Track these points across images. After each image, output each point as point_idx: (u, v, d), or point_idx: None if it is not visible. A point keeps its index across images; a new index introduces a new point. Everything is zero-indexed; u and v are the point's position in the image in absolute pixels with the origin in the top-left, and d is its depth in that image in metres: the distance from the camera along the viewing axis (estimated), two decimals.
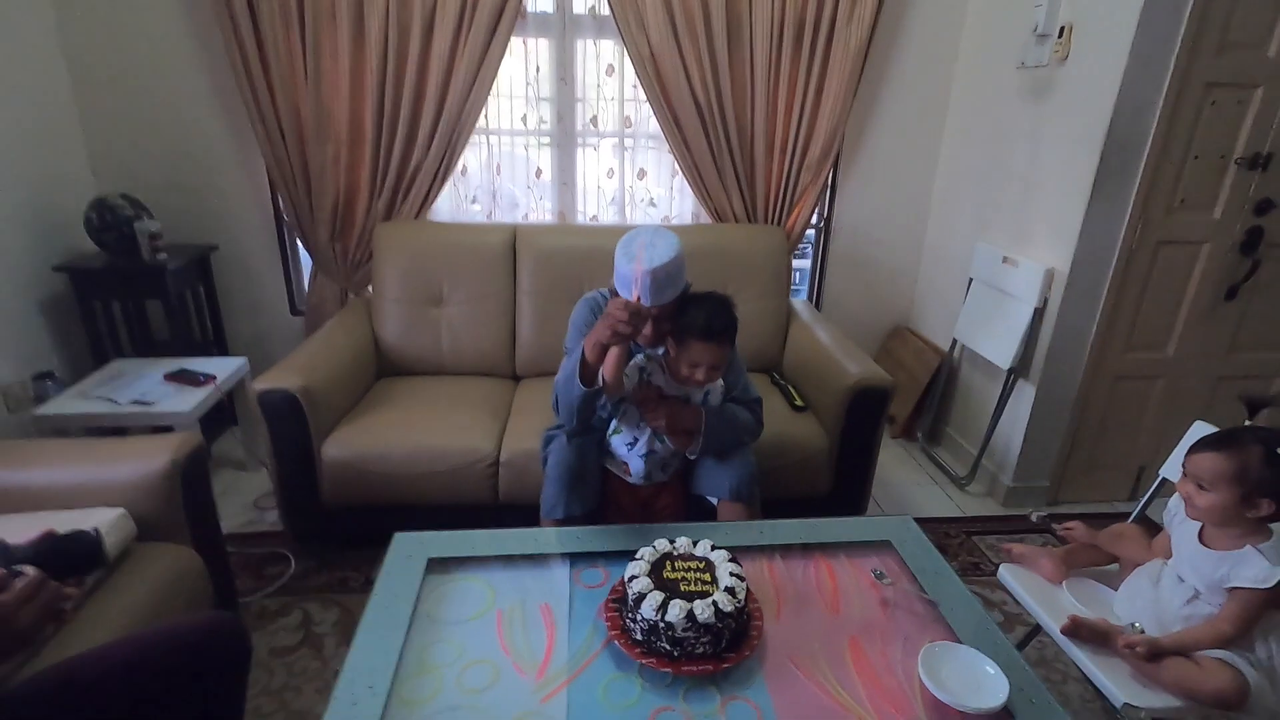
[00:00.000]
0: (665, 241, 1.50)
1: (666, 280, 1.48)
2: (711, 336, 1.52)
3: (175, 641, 1.10)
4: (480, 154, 2.75)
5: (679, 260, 1.50)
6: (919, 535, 1.49)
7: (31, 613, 0.83)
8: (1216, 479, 1.15)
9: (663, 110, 2.61)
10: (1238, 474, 1.13)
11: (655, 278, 1.46)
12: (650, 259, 1.46)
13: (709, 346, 1.52)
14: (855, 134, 2.83)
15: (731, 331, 1.55)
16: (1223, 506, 1.15)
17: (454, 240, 2.49)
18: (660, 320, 1.56)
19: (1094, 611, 1.33)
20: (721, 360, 1.56)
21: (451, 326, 2.43)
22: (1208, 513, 1.17)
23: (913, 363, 2.96)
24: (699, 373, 1.55)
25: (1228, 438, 1.17)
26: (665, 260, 1.46)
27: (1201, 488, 1.17)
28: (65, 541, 0.95)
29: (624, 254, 1.51)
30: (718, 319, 1.53)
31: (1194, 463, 1.19)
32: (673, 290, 1.52)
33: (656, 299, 1.49)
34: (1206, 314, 2.30)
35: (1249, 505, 1.13)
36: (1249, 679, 1.11)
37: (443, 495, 2.01)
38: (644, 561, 1.25)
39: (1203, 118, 2.06)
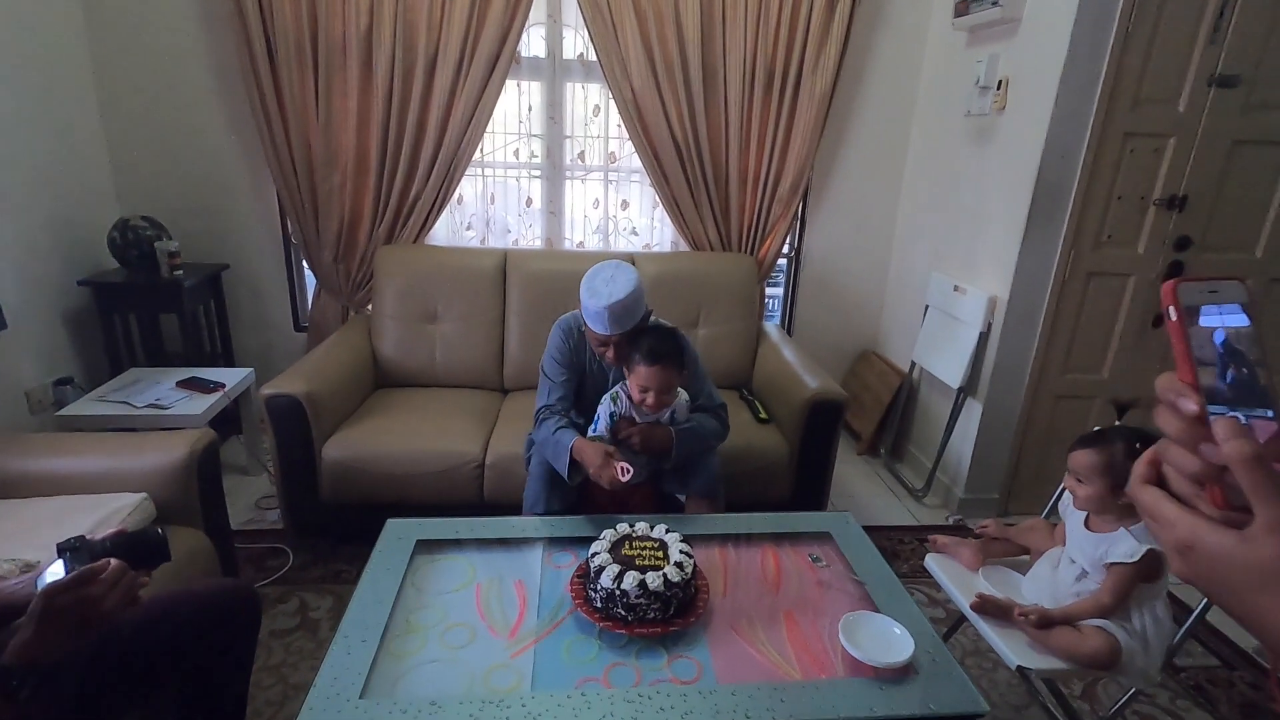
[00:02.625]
0: (625, 276, 1.71)
1: (625, 312, 1.69)
2: (655, 361, 1.68)
3: (196, 599, 1.27)
4: (476, 184, 2.98)
5: (637, 293, 1.70)
6: (856, 528, 1.68)
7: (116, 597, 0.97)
8: (1090, 472, 1.34)
9: (644, 147, 2.84)
10: (1106, 467, 1.32)
11: (613, 312, 1.67)
12: (610, 294, 1.67)
13: (653, 371, 1.68)
14: (823, 171, 3.07)
15: (674, 357, 1.71)
16: (1097, 496, 1.34)
17: (449, 263, 2.70)
18: (624, 345, 1.75)
19: (1004, 594, 1.51)
20: (667, 384, 1.71)
21: (445, 342, 2.63)
22: (1086, 502, 1.36)
23: (877, 384, 3.16)
24: (649, 397, 1.71)
25: (1097, 436, 1.37)
26: (624, 295, 1.67)
27: (1080, 481, 1.36)
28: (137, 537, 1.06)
29: (588, 290, 1.71)
30: (660, 346, 1.70)
31: (1072, 460, 1.38)
32: (631, 319, 1.72)
33: (617, 328, 1.70)
34: (1135, 339, 2.51)
35: (1118, 494, 1.33)
36: (1121, 643, 1.29)
37: (432, 495, 2.18)
38: (606, 540, 1.43)
39: (1123, 163, 2.29)
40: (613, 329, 1.70)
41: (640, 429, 1.79)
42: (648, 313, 1.80)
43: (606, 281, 1.70)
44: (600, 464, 1.67)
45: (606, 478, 1.66)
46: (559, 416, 1.88)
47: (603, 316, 1.68)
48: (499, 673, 1.23)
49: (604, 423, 1.81)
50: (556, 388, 1.91)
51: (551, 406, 1.90)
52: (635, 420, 1.82)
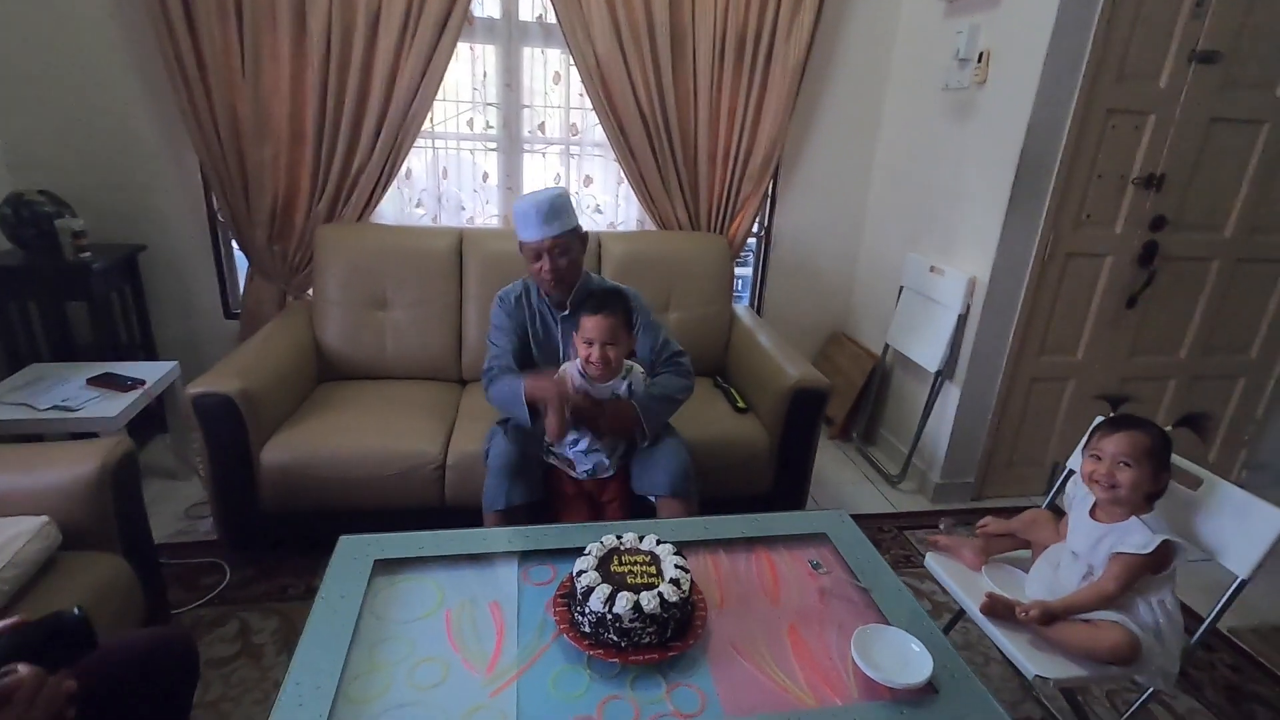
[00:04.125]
0: (554, 189, 1.79)
1: (554, 211, 1.73)
2: (598, 309, 1.65)
3: (123, 655, 1.07)
4: (426, 158, 2.74)
5: (565, 197, 1.78)
6: (853, 528, 1.58)
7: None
8: (1141, 455, 1.26)
9: (609, 119, 2.66)
10: (1154, 449, 1.26)
11: (541, 209, 1.73)
12: (537, 197, 1.75)
13: (595, 319, 1.64)
14: (794, 147, 2.95)
15: (617, 306, 1.68)
16: (1143, 480, 1.27)
17: (398, 243, 2.47)
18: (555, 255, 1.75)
19: (1008, 592, 1.44)
20: (611, 334, 1.66)
21: (396, 330, 2.41)
22: (1132, 488, 1.27)
23: (849, 367, 3.09)
24: (594, 351, 1.66)
25: (1135, 419, 1.30)
26: (553, 194, 1.75)
27: (1127, 465, 1.27)
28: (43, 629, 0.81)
29: (517, 202, 1.79)
30: (604, 297, 1.71)
31: (1116, 442, 1.29)
32: (560, 222, 1.74)
33: (548, 229, 1.73)
34: (1110, 321, 2.50)
35: (1157, 480, 1.26)
36: (1138, 635, 1.23)
37: (387, 499, 1.99)
38: (592, 556, 1.29)
39: (1104, 140, 2.24)
40: (543, 231, 1.72)
41: (603, 407, 1.72)
42: (582, 232, 1.83)
43: (535, 192, 1.77)
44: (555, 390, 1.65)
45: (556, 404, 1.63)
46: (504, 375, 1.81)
47: (532, 215, 1.72)
48: (479, 716, 1.08)
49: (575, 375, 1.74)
50: (501, 356, 1.85)
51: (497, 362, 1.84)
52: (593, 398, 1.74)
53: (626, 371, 1.78)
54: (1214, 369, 2.66)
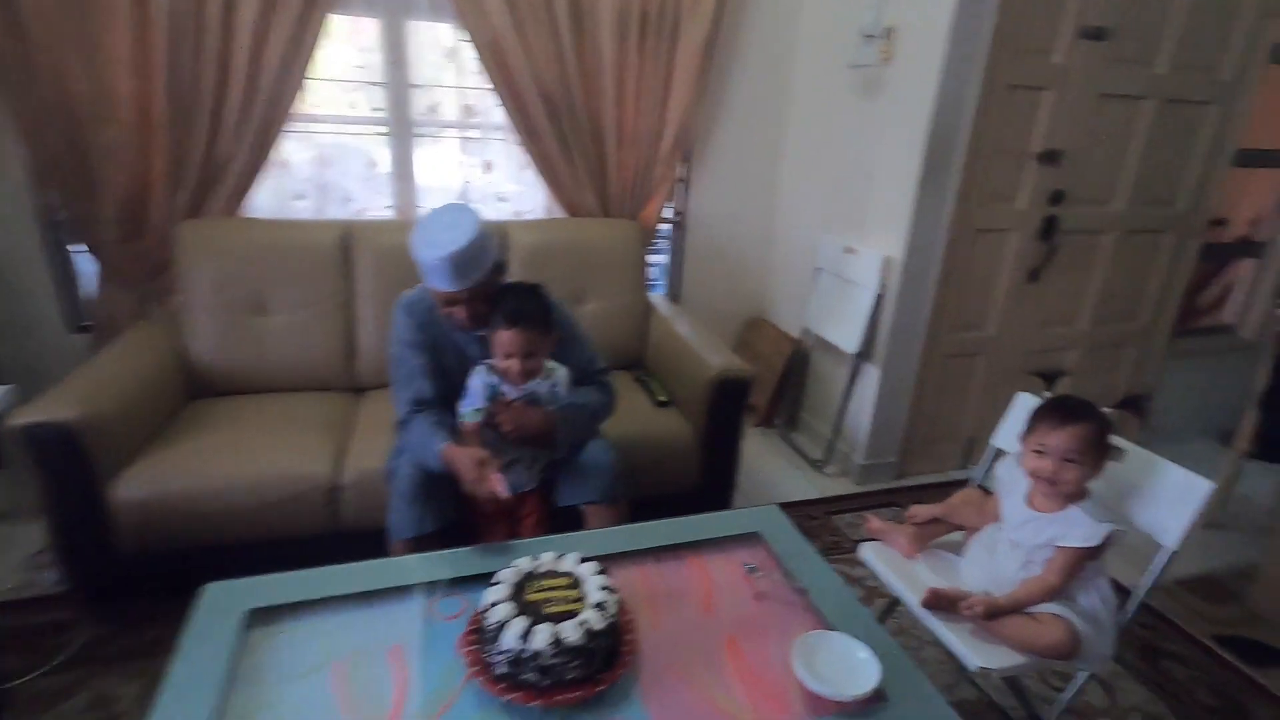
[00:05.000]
0: (466, 220, 1.48)
1: (469, 262, 1.46)
2: (515, 322, 1.49)
3: None
4: (305, 144, 2.47)
5: (482, 239, 1.48)
6: (785, 524, 1.50)
7: None
8: (1085, 450, 1.22)
9: (508, 99, 2.47)
10: (1098, 441, 1.22)
11: (456, 262, 1.44)
12: (450, 242, 1.43)
13: (513, 334, 1.49)
14: (705, 127, 2.85)
15: (536, 316, 1.53)
16: (1089, 475, 1.23)
17: (277, 239, 2.21)
18: (475, 302, 1.51)
19: (945, 579, 1.40)
20: (530, 346, 1.52)
21: (278, 337, 2.15)
22: (1078, 484, 1.23)
23: (769, 352, 3.05)
24: (512, 364, 1.52)
25: (1077, 410, 1.25)
26: (466, 242, 1.44)
27: (1070, 461, 1.23)
28: None
29: (423, 240, 1.47)
30: (521, 305, 1.52)
31: (1062, 439, 1.23)
32: (478, 269, 1.49)
33: (463, 281, 1.47)
34: (1016, 295, 2.55)
35: (1100, 468, 1.23)
36: (1079, 628, 1.20)
37: (274, 529, 1.77)
38: (503, 585, 1.14)
39: (1006, 116, 2.26)
40: (458, 283, 1.47)
41: (512, 412, 1.54)
42: (501, 263, 1.57)
43: (445, 227, 1.46)
44: (474, 476, 1.41)
45: (483, 494, 1.41)
46: (426, 413, 1.58)
47: (444, 269, 1.45)
48: None
49: (480, 395, 1.56)
50: (413, 379, 1.61)
51: (418, 403, 1.60)
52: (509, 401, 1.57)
53: (549, 373, 1.64)
54: (1109, 337, 2.78)
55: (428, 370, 1.62)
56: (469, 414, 1.58)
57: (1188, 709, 1.70)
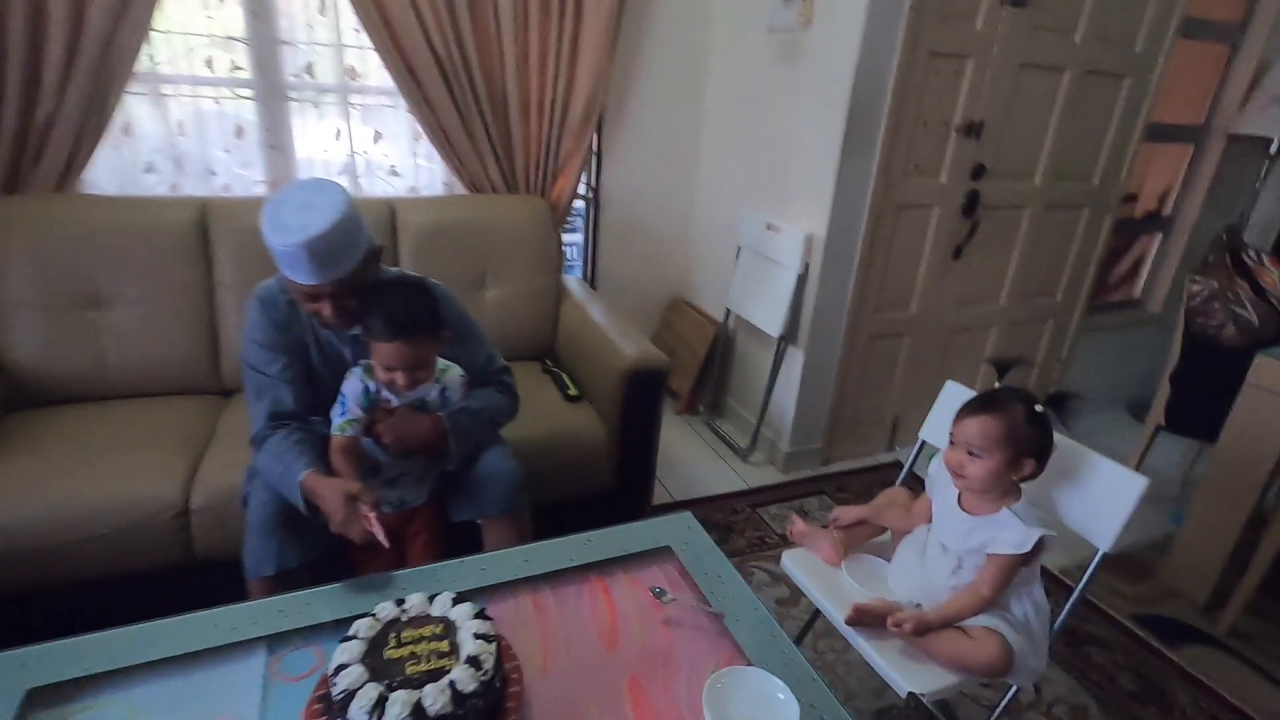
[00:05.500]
0: (326, 200, 1.21)
1: (332, 251, 1.20)
2: (397, 334, 1.26)
3: None
4: (153, 107, 2.13)
5: (347, 222, 1.21)
6: (700, 534, 1.35)
7: None
8: (989, 443, 1.11)
9: (394, 61, 2.20)
10: (1007, 435, 1.11)
11: (315, 251, 1.17)
12: (306, 227, 1.16)
13: (396, 347, 1.26)
14: (618, 96, 2.65)
15: (422, 323, 1.29)
16: (995, 471, 1.12)
17: (115, 220, 1.89)
18: (342, 298, 1.26)
19: (872, 589, 1.29)
20: (418, 359, 1.31)
21: (120, 335, 1.85)
22: (981, 480, 1.13)
23: (692, 335, 2.90)
24: (398, 378, 1.30)
25: (991, 400, 1.15)
26: (326, 226, 1.17)
27: (973, 454, 1.13)
28: None
29: (273, 224, 1.19)
30: (402, 310, 1.27)
31: (963, 430, 1.15)
32: (346, 260, 1.23)
33: (326, 274, 1.21)
34: (939, 273, 2.48)
35: (1015, 467, 1.12)
36: (1013, 644, 1.11)
37: (110, 564, 1.50)
38: (357, 641, 0.94)
39: (929, 86, 2.16)
40: (319, 276, 1.21)
41: (394, 420, 1.33)
42: (374, 250, 1.31)
43: (299, 208, 1.19)
44: (342, 517, 1.20)
45: (356, 534, 1.19)
46: (286, 431, 1.34)
47: (299, 260, 1.18)
48: None
49: (354, 404, 1.34)
50: (271, 387, 1.36)
51: (276, 418, 1.36)
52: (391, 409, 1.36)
53: (439, 374, 1.43)
54: (1028, 314, 2.77)
55: (288, 377, 1.38)
56: (342, 425, 1.35)
57: (1110, 696, 1.68)
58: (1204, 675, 1.75)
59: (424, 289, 1.36)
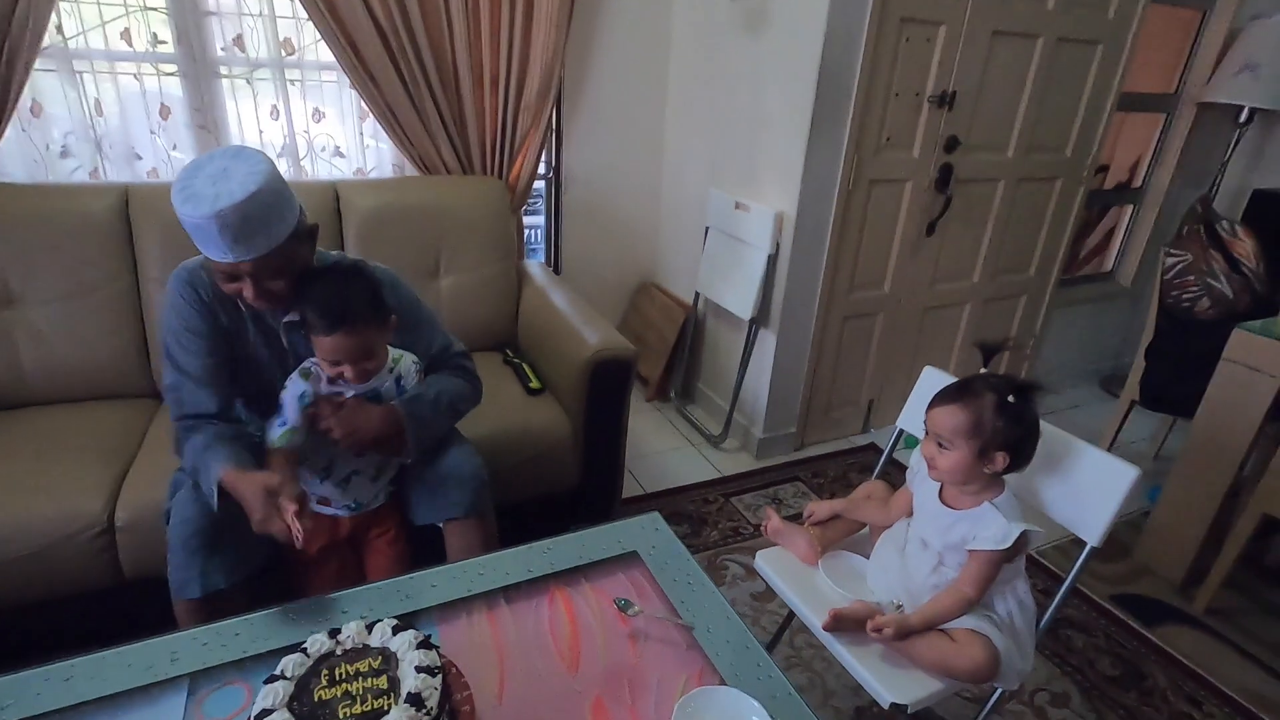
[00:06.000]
0: (246, 167, 1.08)
1: (250, 223, 1.07)
2: (335, 326, 1.16)
3: None
4: (68, 85, 1.94)
5: (269, 191, 1.09)
6: (669, 537, 1.27)
7: None
8: (954, 434, 1.05)
9: (332, 32, 2.04)
10: (973, 427, 1.04)
11: (227, 222, 1.05)
12: (219, 196, 1.04)
13: (337, 339, 1.17)
14: (576, 69, 2.52)
15: (362, 312, 1.19)
16: (963, 464, 1.05)
17: (26, 209, 1.72)
18: (262, 277, 1.14)
19: (851, 589, 1.22)
20: (363, 350, 1.21)
21: (37, 335, 1.69)
22: (950, 473, 1.07)
23: (660, 320, 2.81)
24: (346, 370, 1.20)
25: (961, 389, 1.08)
26: (243, 195, 1.05)
27: (942, 446, 1.06)
28: None
29: (183, 192, 1.06)
30: (339, 299, 1.17)
31: (932, 420, 1.08)
32: (266, 233, 1.10)
33: (245, 250, 1.09)
34: (912, 250, 2.41)
35: (985, 459, 1.05)
36: (998, 646, 1.05)
37: (31, 589, 1.38)
38: (283, 682, 0.84)
39: (900, 54, 2.07)
40: (234, 253, 1.09)
41: (342, 416, 1.22)
42: (307, 227, 1.19)
43: (213, 177, 1.06)
44: (262, 514, 1.09)
45: (278, 532, 1.09)
46: (208, 427, 1.22)
47: (209, 233, 1.06)
48: None
49: (293, 411, 1.23)
50: (187, 382, 1.23)
51: (196, 417, 1.23)
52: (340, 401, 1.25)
53: (393, 363, 1.32)
54: (1002, 290, 2.72)
55: (210, 369, 1.24)
56: (282, 436, 1.24)
57: (1090, 681, 1.65)
58: (1183, 655, 1.73)
59: (360, 273, 1.25)
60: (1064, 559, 1.99)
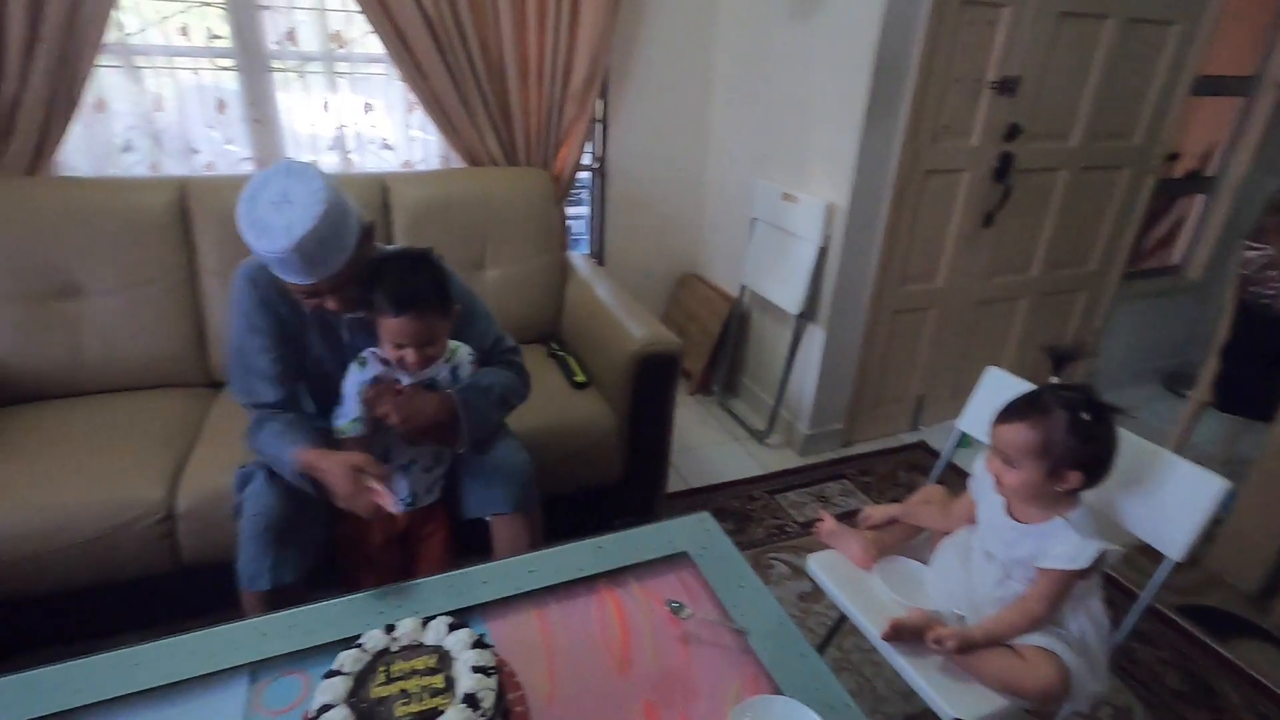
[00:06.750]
0: (304, 191, 1.08)
1: (324, 247, 1.10)
2: (404, 309, 1.18)
3: None
4: (127, 81, 1.99)
5: (334, 213, 1.10)
6: (720, 539, 1.24)
7: None
8: (1022, 453, 0.99)
9: (382, 24, 2.04)
10: (1042, 447, 0.98)
11: (305, 254, 1.08)
12: (290, 228, 1.06)
13: (404, 321, 1.19)
14: (622, 59, 2.48)
15: (430, 296, 1.22)
16: (1031, 483, 1.00)
17: (89, 203, 1.77)
18: (342, 288, 1.17)
19: (908, 595, 1.18)
20: (427, 334, 1.23)
21: (98, 326, 1.75)
22: (1017, 491, 1.02)
23: (703, 313, 2.77)
24: (408, 355, 1.21)
25: (1030, 404, 1.02)
26: (311, 225, 1.06)
27: (1009, 463, 1.01)
28: None
29: (252, 227, 1.08)
30: (408, 284, 1.19)
31: (999, 436, 1.03)
32: (339, 252, 1.13)
33: (321, 271, 1.12)
34: (968, 242, 2.33)
35: (1056, 479, 0.99)
36: (1070, 666, 1.00)
37: (91, 573, 1.42)
38: (342, 678, 0.84)
39: (960, 38, 1.99)
40: (316, 275, 1.13)
41: (399, 402, 1.22)
42: (366, 227, 1.20)
43: (276, 204, 1.07)
44: (349, 492, 1.14)
45: (363, 508, 1.14)
46: (279, 415, 1.26)
47: (291, 263, 1.09)
48: None
49: (354, 404, 1.26)
50: (261, 373, 1.27)
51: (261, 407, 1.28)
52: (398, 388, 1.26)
53: (449, 354, 1.33)
54: (1060, 284, 2.61)
55: (275, 364, 1.27)
56: (348, 425, 1.27)
57: (1156, 696, 1.57)
58: (1257, 671, 1.64)
59: (428, 260, 1.27)
60: (1129, 569, 1.90)
